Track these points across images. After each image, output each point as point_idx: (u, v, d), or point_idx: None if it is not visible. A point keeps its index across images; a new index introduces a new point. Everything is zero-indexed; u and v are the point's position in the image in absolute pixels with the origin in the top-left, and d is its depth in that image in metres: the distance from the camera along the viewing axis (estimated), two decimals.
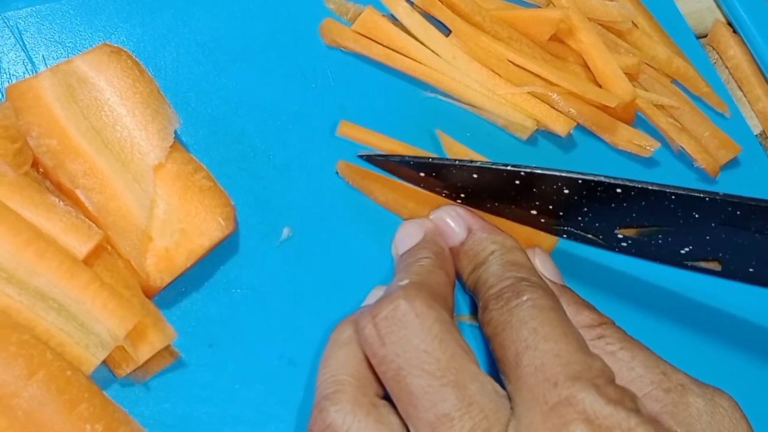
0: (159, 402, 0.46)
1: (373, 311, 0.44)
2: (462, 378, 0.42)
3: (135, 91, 0.49)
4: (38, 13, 0.53)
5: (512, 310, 0.44)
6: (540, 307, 0.44)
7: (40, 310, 0.43)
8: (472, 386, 0.41)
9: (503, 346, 0.43)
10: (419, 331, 0.42)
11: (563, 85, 0.56)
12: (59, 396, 0.41)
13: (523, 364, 0.42)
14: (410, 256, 0.49)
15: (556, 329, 0.43)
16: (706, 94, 0.62)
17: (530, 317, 0.43)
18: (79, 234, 0.44)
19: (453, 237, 0.50)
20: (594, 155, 0.59)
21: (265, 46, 0.56)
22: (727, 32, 0.66)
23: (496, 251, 0.48)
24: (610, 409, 0.39)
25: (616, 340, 0.46)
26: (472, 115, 0.57)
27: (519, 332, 0.43)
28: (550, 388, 0.40)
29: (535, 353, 0.42)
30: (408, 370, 0.42)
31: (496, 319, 0.44)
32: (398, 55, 0.57)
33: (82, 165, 0.47)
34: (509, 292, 0.45)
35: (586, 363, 0.41)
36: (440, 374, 0.41)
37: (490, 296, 0.46)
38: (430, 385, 0.41)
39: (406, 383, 0.42)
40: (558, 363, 0.41)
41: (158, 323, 0.45)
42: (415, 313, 0.43)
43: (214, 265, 0.50)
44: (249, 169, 0.52)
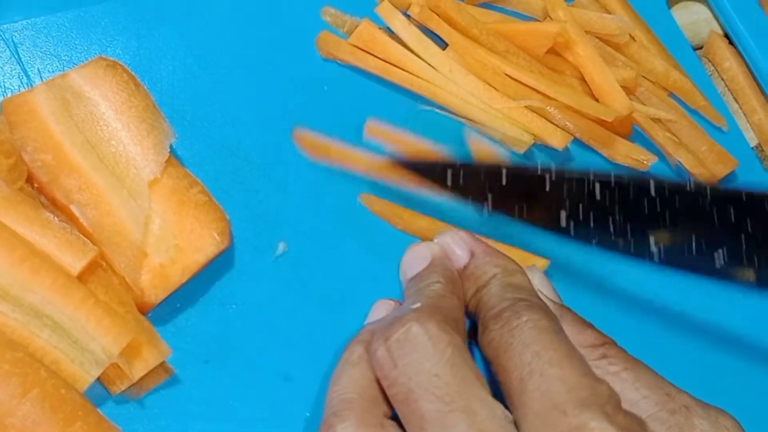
0: (154, 419, 0.46)
1: (385, 333, 0.43)
2: (472, 404, 0.41)
3: (130, 105, 0.49)
4: (34, 25, 0.52)
5: (512, 331, 0.43)
6: (541, 328, 0.43)
7: (34, 327, 0.42)
8: (482, 412, 0.41)
9: (506, 369, 0.43)
10: (431, 354, 0.42)
11: (560, 98, 0.56)
12: (53, 414, 0.41)
13: (529, 389, 0.41)
14: (421, 280, 0.49)
15: (560, 353, 0.42)
16: (704, 107, 0.62)
17: (532, 340, 0.43)
18: (73, 250, 0.44)
19: (456, 261, 0.50)
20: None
21: (262, 59, 0.55)
22: (723, 44, 0.66)
23: (498, 274, 0.48)
24: None
25: (620, 361, 0.46)
26: (469, 128, 0.57)
27: (522, 356, 0.42)
28: (559, 417, 0.40)
29: (540, 379, 0.41)
30: (419, 394, 0.41)
31: (496, 341, 0.44)
32: (394, 69, 0.56)
33: (77, 180, 0.46)
34: (508, 312, 0.45)
35: (593, 388, 0.41)
36: (450, 399, 0.41)
37: (489, 317, 0.45)
38: (440, 410, 0.41)
39: (417, 407, 0.41)
40: (565, 389, 0.41)
41: (153, 340, 0.45)
42: (428, 336, 0.43)
43: (210, 280, 0.49)
44: (245, 183, 0.52)
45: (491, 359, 0.44)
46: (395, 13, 0.57)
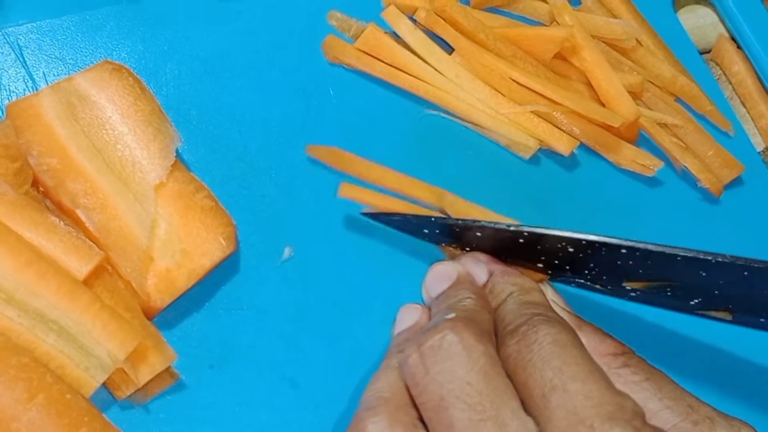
0: (159, 424, 0.46)
1: (419, 340, 0.43)
2: (503, 414, 0.41)
3: (136, 109, 0.48)
4: (39, 29, 0.52)
5: (531, 346, 0.43)
6: (560, 343, 0.43)
7: (40, 332, 0.42)
8: (512, 424, 0.41)
9: (526, 386, 0.42)
10: (465, 362, 0.42)
11: (566, 104, 0.55)
12: (59, 420, 0.41)
13: (552, 406, 0.41)
14: (450, 297, 0.49)
15: (582, 368, 0.42)
16: (710, 112, 0.62)
17: (552, 355, 0.42)
18: (79, 254, 0.44)
19: (478, 279, 0.50)
20: (597, 175, 0.58)
21: (268, 63, 0.55)
22: (731, 48, 0.65)
23: (515, 292, 0.48)
24: None
25: (641, 370, 0.46)
26: (474, 133, 0.57)
27: (543, 372, 0.42)
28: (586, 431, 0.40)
29: (564, 395, 0.41)
30: (450, 402, 0.41)
31: (514, 356, 0.44)
32: (401, 73, 0.56)
33: (82, 184, 0.46)
34: (525, 326, 0.44)
35: (618, 403, 0.41)
36: (481, 408, 0.41)
37: (506, 332, 0.45)
38: (471, 419, 0.41)
39: (447, 414, 0.41)
40: (590, 405, 0.40)
41: (158, 345, 0.45)
42: (463, 344, 0.42)
43: (215, 285, 0.49)
44: (250, 188, 0.52)
45: (511, 375, 0.44)
46: (401, 18, 0.57)
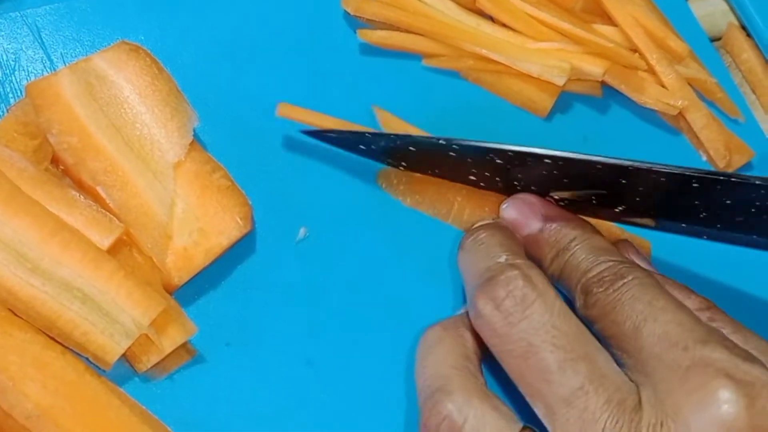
0: (177, 400, 0.46)
1: (489, 292, 0.44)
2: (591, 351, 0.42)
3: (154, 89, 0.49)
4: (56, 11, 0.53)
5: (619, 289, 0.44)
6: (647, 284, 0.44)
7: (64, 300, 0.43)
8: (599, 357, 0.42)
9: (616, 322, 0.43)
10: (544, 308, 0.43)
11: (594, 41, 0.56)
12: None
13: (644, 335, 0.42)
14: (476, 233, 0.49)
15: (671, 302, 0.43)
16: (720, 99, 0.62)
17: (642, 293, 0.43)
18: (100, 227, 0.45)
19: (529, 226, 0.50)
20: (608, 144, 0.59)
21: (284, 45, 0.56)
22: (741, 35, 0.66)
23: (578, 236, 0.48)
24: (748, 365, 0.40)
25: (727, 324, 0.46)
26: (496, 98, 0.58)
27: (633, 307, 0.43)
28: (680, 353, 0.40)
29: (655, 324, 0.42)
30: (539, 347, 0.42)
31: (603, 301, 0.44)
32: (424, 19, 0.57)
33: (102, 162, 0.47)
34: (609, 274, 0.45)
35: (708, 329, 0.42)
36: (570, 348, 0.42)
37: (590, 280, 0.45)
38: (564, 359, 0.41)
39: (537, 359, 0.42)
40: (682, 330, 0.41)
41: (179, 317, 0.46)
42: (538, 290, 0.43)
43: (232, 264, 0.50)
44: (266, 168, 0.52)
45: (597, 318, 0.44)
46: None
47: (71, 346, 0.43)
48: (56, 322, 0.43)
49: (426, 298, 0.52)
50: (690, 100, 0.59)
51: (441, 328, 0.47)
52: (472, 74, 0.58)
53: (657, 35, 0.59)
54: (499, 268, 0.44)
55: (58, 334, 0.43)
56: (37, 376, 0.42)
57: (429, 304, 0.51)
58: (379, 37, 0.57)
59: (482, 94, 0.58)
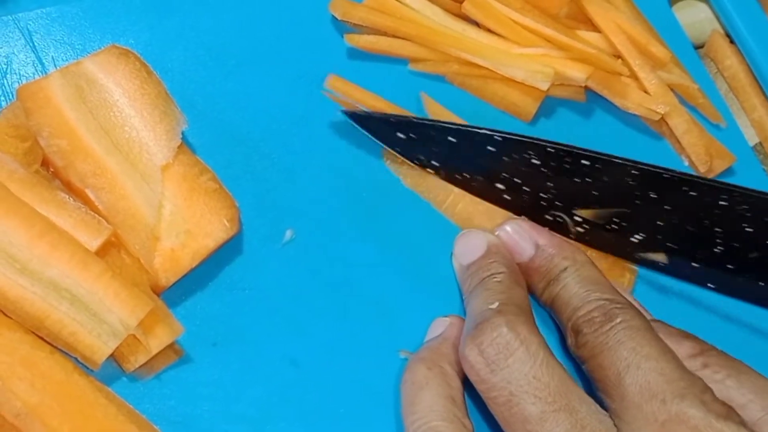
0: (163, 399, 0.47)
1: (475, 338, 0.45)
2: (572, 401, 0.43)
3: (143, 92, 0.50)
4: (48, 15, 0.53)
5: (607, 333, 0.45)
6: (635, 327, 0.45)
7: (53, 300, 0.44)
8: (581, 409, 0.43)
9: (602, 366, 0.44)
10: (526, 358, 0.44)
11: (578, 47, 0.57)
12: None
13: (626, 383, 0.43)
14: (482, 270, 0.50)
15: (655, 348, 0.44)
16: (702, 105, 0.63)
17: (627, 338, 0.44)
18: (89, 229, 0.45)
19: (520, 253, 0.51)
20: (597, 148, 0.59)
21: (270, 51, 0.56)
22: (725, 42, 0.66)
23: (569, 267, 0.49)
24: (721, 424, 0.41)
25: (722, 368, 0.47)
26: (481, 102, 0.58)
27: (618, 353, 0.44)
28: (658, 406, 0.42)
29: (638, 372, 0.43)
30: (520, 397, 0.43)
31: (591, 343, 0.45)
32: (410, 24, 0.57)
33: (91, 165, 0.47)
34: (599, 315, 0.46)
35: (689, 380, 0.43)
36: (551, 399, 0.43)
37: (580, 319, 0.47)
38: (544, 411, 0.43)
39: (519, 409, 0.43)
40: (663, 381, 0.42)
41: (166, 318, 0.46)
42: (520, 339, 0.44)
43: (218, 265, 0.50)
44: (253, 171, 0.53)
45: (586, 359, 0.46)
46: None
47: (60, 345, 0.44)
48: (45, 322, 0.43)
49: (411, 301, 0.52)
50: (672, 106, 0.60)
51: (425, 367, 0.47)
52: (458, 78, 0.59)
53: (640, 41, 0.60)
54: (488, 315, 0.46)
55: (47, 334, 0.44)
56: (25, 375, 0.42)
57: (414, 306, 0.52)
58: (366, 41, 0.57)
59: (467, 99, 0.59)
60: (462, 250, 0.52)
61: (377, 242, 0.53)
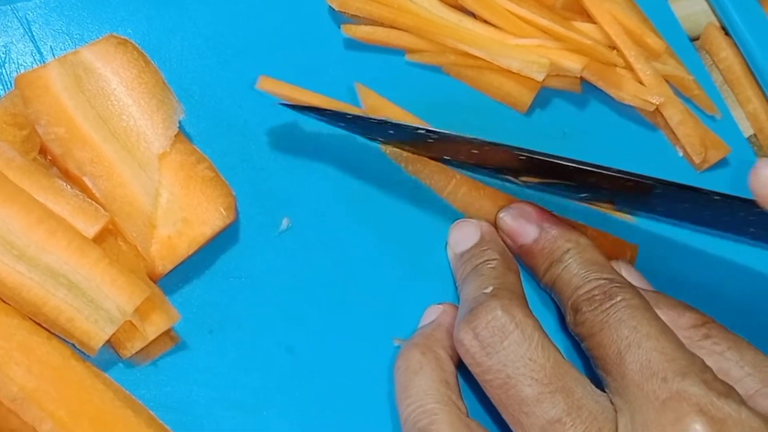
0: (160, 385, 0.47)
1: (470, 322, 0.45)
2: (568, 383, 0.44)
3: (140, 81, 0.50)
4: (46, 4, 0.54)
5: (607, 310, 0.45)
6: (635, 306, 0.45)
7: (50, 286, 0.44)
8: (577, 390, 0.43)
9: (602, 345, 0.45)
10: (522, 340, 0.44)
11: (573, 38, 0.58)
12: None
13: (627, 361, 0.43)
14: (475, 257, 0.50)
15: (656, 328, 0.44)
16: (697, 96, 0.63)
17: (628, 316, 0.45)
18: (86, 216, 0.46)
19: (524, 235, 0.52)
20: (587, 139, 0.60)
21: (267, 41, 0.57)
22: (720, 34, 0.67)
23: (572, 249, 0.50)
24: (722, 402, 0.41)
25: (722, 340, 0.47)
26: (478, 93, 0.59)
27: (619, 331, 0.44)
28: (659, 384, 0.42)
29: (638, 351, 0.43)
30: (517, 379, 0.44)
31: (590, 320, 0.46)
32: (407, 14, 0.58)
33: (89, 153, 0.48)
34: (599, 293, 0.46)
35: (690, 359, 0.43)
36: (548, 381, 0.43)
37: (580, 298, 0.47)
38: (541, 392, 0.43)
39: (516, 391, 0.44)
40: (664, 359, 0.43)
41: (163, 305, 0.47)
42: (515, 322, 0.45)
43: (215, 253, 0.51)
44: (250, 160, 0.53)
45: (585, 337, 0.46)
46: None
47: (57, 331, 0.45)
48: (42, 308, 0.44)
49: (406, 289, 0.53)
50: (667, 97, 0.60)
51: (419, 353, 0.47)
52: (454, 69, 0.59)
53: (635, 32, 0.60)
54: (482, 299, 0.46)
55: (44, 320, 0.44)
56: (23, 361, 0.43)
57: (409, 295, 0.53)
58: (363, 32, 0.58)
59: (464, 89, 0.59)
60: (456, 239, 0.52)
61: (373, 231, 0.54)
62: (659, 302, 0.49)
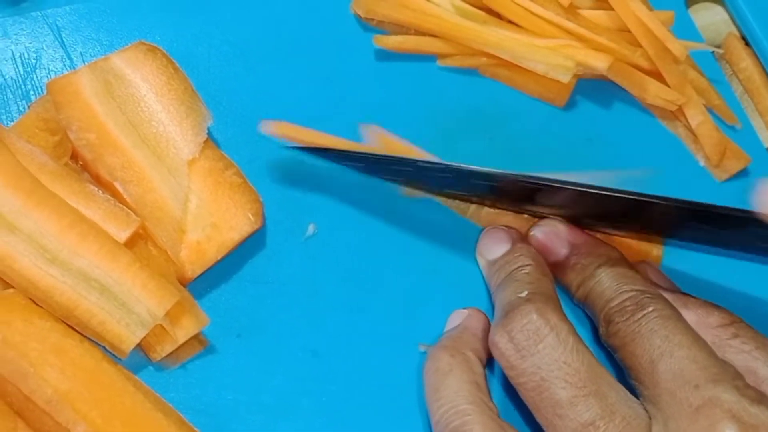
0: (189, 388, 0.48)
1: (505, 325, 0.46)
2: (602, 387, 0.44)
3: (170, 88, 0.51)
4: (77, 11, 0.54)
5: (639, 321, 0.46)
6: (666, 317, 0.46)
7: (82, 290, 0.45)
8: (611, 394, 0.44)
9: (634, 354, 0.45)
10: (557, 343, 0.45)
11: (597, 39, 0.58)
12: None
13: (660, 370, 0.44)
14: (509, 264, 0.51)
15: (687, 337, 0.45)
16: (718, 106, 0.63)
17: (660, 326, 0.45)
18: (118, 221, 0.46)
19: (556, 252, 0.52)
20: (610, 149, 0.60)
21: (294, 48, 0.57)
22: (740, 44, 0.67)
23: (603, 264, 0.50)
24: (755, 409, 0.41)
25: (750, 339, 0.48)
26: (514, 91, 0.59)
27: (651, 341, 0.45)
28: (692, 391, 0.42)
29: (671, 360, 0.44)
30: (551, 382, 0.44)
31: (623, 331, 0.46)
32: (432, 18, 0.58)
33: (120, 158, 0.48)
34: (631, 304, 0.47)
35: (722, 366, 0.44)
36: (581, 385, 0.44)
37: (612, 309, 0.47)
38: (575, 395, 0.43)
39: (550, 394, 0.44)
40: (696, 367, 0.43)
41: (192, 309, 0.47)
42: (550, 325, 0.45)
43: (243, 258, 0.51)
44: (277, 166, 0.54)
45: (618, 348, 0.47)
46: None
47: (89, 334, 0.45)
48: (74, 311, 0.44)
49: (432, 294, 0.53)
50: (689, 97, 0.60)
51: (448, 355, 0.48)
52: (489, 70, 0.59)
53: (657, 38, 0.61)
54: (517, 303, 0.46)
55: (76, 323, 0.45)
56: (56, 363, 0.43)
57: (433, 301, 0.53)
58: (394, 42, 0.58)
59: (500, 89, 0.59)
60: (487, 246, 0.53)
61: (400, 237, 0.54)
62: (687, 302, 0.49)
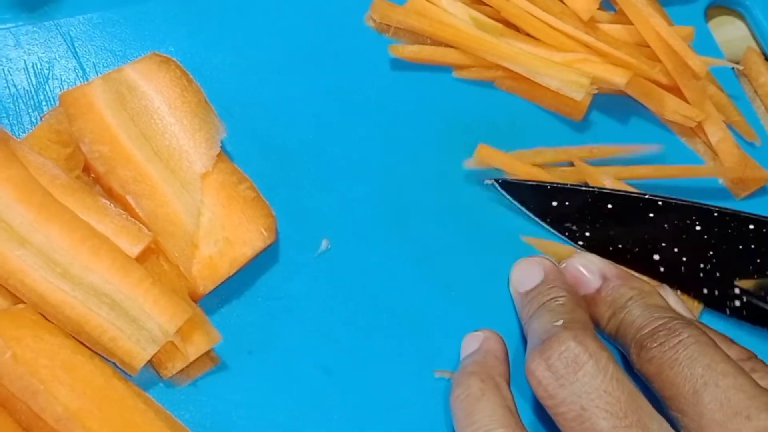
0: (199, 405, 0.47)
1: (542, 353, 0.45)
2: (643, 417, 0.43)
3: (183, 100, 0.50)
4: (90, 20, 0.54)
5: (676, 347, 0.45)
6: (704, 343, 0.45)
7: (93, 305, 0.44)
8: (652, 425, 0.43)
9: (674, 384, 0.44)
10: (596, 371, 0.44)
11: (615, 54, 0.58)
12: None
13: (705, 401, 0.43)
14: (542, 295, 0.50)
15: (730, 365, 0.44)
16: (738, 122, 0.62)
17: (699, 354, 0.44)
18: (130, 235, 0.46)
19: (587, 285, 0.51)
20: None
21: (307, 61, 0.57)
22: (759, 59, 0.66)
23: (635, 296, 0.49)
24: None
25: (766, 374, 0.47)
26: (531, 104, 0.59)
27: (692, 369, 0.44)
28: (743, 422, 0.42)
29: (716, 390, 0.43)
30: (592, 411, 0.43)
31: (658, 357, 0.45)
32: (448, 28, 0.58)
33: (132, 171, 0.48)
34: (664, 330, 0.46)
35: (766, 395, 0.43)
36: (623, 415, 0.43)
37: (644, 336, 0.47)
38: (616, 426, 0.43)
39: (591, 424, 0.43)
40: (745, 397, 0.43)
41: (204, 325, 0.47)
42: (589, 352, 0.44)
43: (255, 274, 0.51)
44: (289, 181, 0.53)
45: (653, 375, 0.46)
46: None
47: (99, 350, 0.45)
48: (85, 326, 0.44)
49: (446, 313, 0.52)
50: (709, 114, 0.60)
51: (478, 380, 0.47)
52: (506, 83, 0.59)
53: (677, 54, 0.60)
54: (554, 331, 0.46)
55: (87, 338, 0.44)
56: (66, 380, 0.43)
57: (446, 320, 0.52)
58: (409, 51, 0.58)
59: (517, 102, 0.59)
60: (519, 278, 0.52)
61: (412, 254, 0.53)
62: (708, 333, 0.48)
